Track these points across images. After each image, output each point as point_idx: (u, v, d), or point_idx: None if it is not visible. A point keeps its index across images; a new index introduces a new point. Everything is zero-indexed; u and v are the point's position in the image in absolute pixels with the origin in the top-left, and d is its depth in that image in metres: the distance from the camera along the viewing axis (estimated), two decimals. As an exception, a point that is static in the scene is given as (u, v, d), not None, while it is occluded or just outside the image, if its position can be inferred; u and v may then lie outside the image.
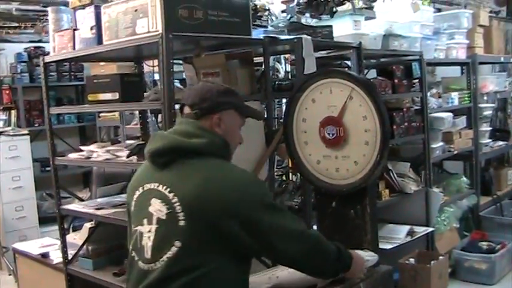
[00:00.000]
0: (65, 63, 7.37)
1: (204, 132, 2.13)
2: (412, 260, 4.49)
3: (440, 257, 4.49)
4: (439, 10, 6.61)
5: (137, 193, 2.18)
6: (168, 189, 2.04)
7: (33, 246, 4.65)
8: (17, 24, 6.60)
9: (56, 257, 4.26)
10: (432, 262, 4.33)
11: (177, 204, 2.00)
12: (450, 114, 5.69)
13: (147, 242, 2.06)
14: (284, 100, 4.60)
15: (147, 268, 2.05)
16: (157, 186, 2.07)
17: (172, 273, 1.98)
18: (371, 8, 5.18)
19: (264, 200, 2.09)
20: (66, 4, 3.96)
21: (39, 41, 7.42)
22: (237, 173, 2.11)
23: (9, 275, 6.32)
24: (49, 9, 3.99)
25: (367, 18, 4.79)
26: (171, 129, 2.21)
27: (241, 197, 2.02)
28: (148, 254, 2.05)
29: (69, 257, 4.01)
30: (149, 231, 2.06)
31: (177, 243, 1.98)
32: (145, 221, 2.08)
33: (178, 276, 1.97)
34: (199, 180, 2.02)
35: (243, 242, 2.01)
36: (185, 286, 1.98)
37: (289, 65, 4.69)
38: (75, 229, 5.06)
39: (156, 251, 2.03)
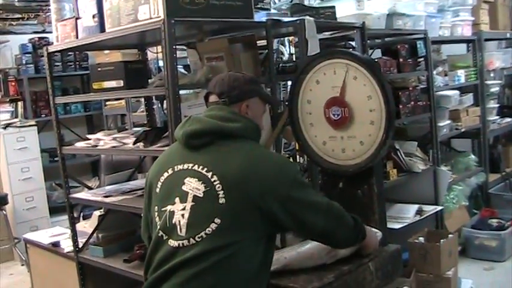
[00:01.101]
0: (70, 53, 7.37)
1: (239, 117, 2.25)
2: (421, 239, 4.48)
3: (450, 236, 4.48)
4: (442, -12, 6.55)
5: (165, 175, 2.23)
6: (206, 169, 2.11)
7: (44, 236, 4.68)
8: (20, 16, 6.60)
9: (67, 245, 4.29)
10: (442, 241, 4.32)
11: (217, 182, 2.08)
12: (457, 92, 5.67)
13: (180, 219, 2.10)
14: (289, 82, 4.59)
15: (178, 245, 2.09)
16: (193, 166, 2.15)
17: (211, 248, 2.04)
18: (374, -13, 5.14)
19: (297, 177, 2.19)
20: (67, -7, 3.95)
21: (43, 32, 7.42)
22: (272, 154, 2.33)
23: (22, 265, 6.39)
24: (51, -1, 3.98)
25: (370, -2, 4.76)
26: (204, 114, 2.29)
27: (279, 176, 2.13)
28: (182, 232, 2.09)
29: (80, 245, 4.04)
30: (183, 209, 2.10)
31: (217, 220, 2.05)
32: (177, 199, 2.13)
33: (215, 251, 2.04)
34: (240, 160, 2.12)
35: (278, 218, 2.11)
36: (220, 262, 2.04)
37: (293, 47, 4.67)
38: (85, 217, 5.09)
39: (192, 228, 2.08)
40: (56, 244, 4.40)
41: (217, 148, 2.16)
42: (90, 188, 4.34)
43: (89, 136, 3.99)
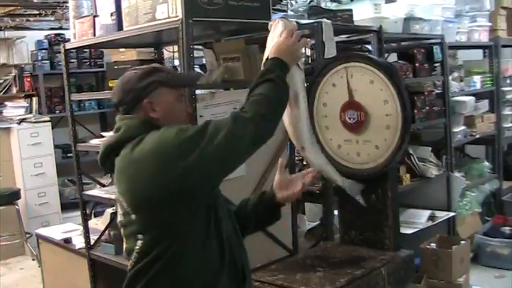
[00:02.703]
0: (85, 50, 7.39)
1: (122, 121, 2.02)
2: (433, 245, 4.46)
3: (462, 242, 4.46)
4: (460, -8, 6.52)
5: None
6: (117, 190, 2.01)
7: (56, 232, 4.70)
8: (37, 12, 6.63)
9: (79, 242, 4.30)
10: (453, 247, 4.30)
11: (123, 199, 1.97)
12: (472, 97, 5.64)
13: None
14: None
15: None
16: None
17: (144, 264, 1.94)
18: (391, -10, 5.13)
19: (181, 144, 1.86)
20: (86, -9, 3.96)
21: (60, 28, 7.46)
22: (145, 145, 1.91)
23: (33, 259, 6.42)
24: (69, -4, 4.00)
25: (387, 2, 4.75)
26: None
27: (161, 164, 1.86)
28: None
29: (92, 242, 4.05)
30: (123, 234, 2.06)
31: (139, 236, 1.94)
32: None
33: (151, 264, 1.93)
34: (124, 169, 1.95)
35: (189, 192, 1.88)
36: (160, 271, 1.93)
37: (309, 50, 4.66)
38: (97, 215, 5.11)
39: (127, 251, 2.02)
40: (67, 240, 4.42)
41: (116, 165, 1.99)
42: (103, 185, 4.35)
43: (103, 133, 4.00)
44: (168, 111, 2.01)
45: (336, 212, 3.25)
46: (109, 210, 4.25)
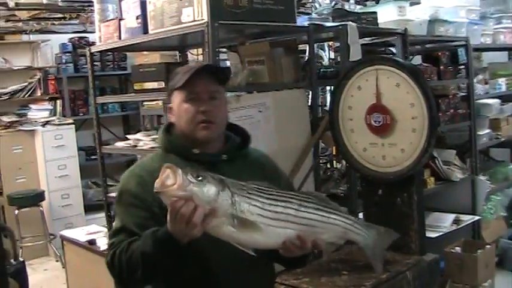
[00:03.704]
0: (109, 53, 7.45)
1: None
2: (457, 249, 4.42)
3: (487, 246, 4.41)
4: (485, -6, 6.46)
5: None
6: None
7: (80, 234, 4.73)
8: (61, 15, 6.69)
9: (103, 244, 4.32)
10: (478, 251, 4.26)
11: None
12: (497, 100, 5.58)
13: None
14: (328, 88, 4.58)
15: None
16: None
17: None
18: (415, -7, 5.11)
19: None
20: (111, -6, 3.99)
21: (84, 31, 7.51)
22: None
23: (57, 261, 6.48)
24: (95, -1, 4.04)
25: (411, 4, 4.72)
26: None
27: None
28: None
29: (116, 244, 4.06)
30: None
31: None
32: None
33: None
34: None
35: None
36: None
37: (333, 52, 4.66)
38: (120, 217, 5.13)
39: None
40: (92, 242, 4.44)
41: None
42: (127, 188, 4.37)
43: (128, 136, 4.02)
44: (177, 113, 1.99)
45: (360, 215, 3.23)
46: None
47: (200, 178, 1.64)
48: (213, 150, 2.00)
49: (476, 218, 4.94)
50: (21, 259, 3.59)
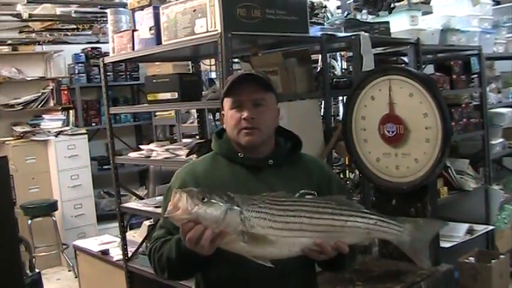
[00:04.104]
0: (121, 63, 7.49)
1: None
2: (471, 259, 4.38)
3: (501, 256, 4.38)
4: (498, 3, 6.44)
5: None
6: None
7: (93, 244, 4.75)
8: (74, 26, 6.74)
9: (116, 254, 4.34)
10: (493, 261, 4.22)
11: None
12: (510, 109, 5.56)
13: None
14: (340, 98, 4.57)
15: None
16: None
17: None
18: (428, 2, 5.09)
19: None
20: (124, 5, 4.01)
21: (97, 42, 7.57)
22: None
23: (69, 270, 6.50)
24: (108, 11, 4.06)
25: (424, 13, 4.70)
26: None
27: None
28: None
29: (129, 254, 4.07)
30: None
31: None
32: None
33: None
34: None
35: None
36: None
37: (345, 62, 4.66)
38: (132, 227, 5.15)
39: None
40: (105, 252, 4.46)
41: None
42: (140, 198, 4.39)
43: (141, 146, 4.04)
44: (225, 120, 2.06)
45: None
46: (146, 223, 4.28)
47: (206, 200, 1.67)
48: (261, 155, 2.04)
49: (490, 227, 4.91)
50: (37, 270, 3.61)
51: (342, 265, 1.99)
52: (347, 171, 4.30)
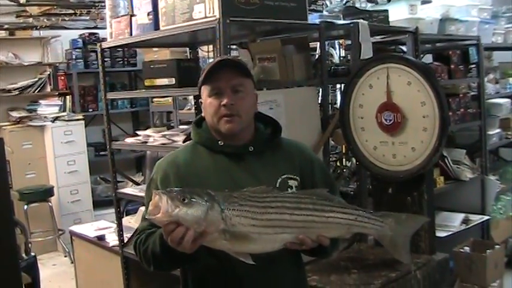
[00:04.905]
0: (119, 49, 7.46)
1: None
2: (466, 249, 4.40)
3: (496, 246, 4.39)
4: (497, -7, 6.44)
5: None
6: None
7: (89, 229, 4.75)
8: (72, 11, 6.70)
9: (112, 239, 4.34)
10: (488, 251, 4.24)
11: None
12: (508, 100, 5.57)
13: None
14: (338, 86, 4.57)
15: None
16: None
17: None
18: (427, -9, 5.08)
19: None
20: (122, -10, 3.99)
21: (94, 28, 7.54)
22: None
23: (65, 256, 6.51)
24: (106, -5, 4.04)
25: (423, 2, 4.69)
26: None
27: None
28: None
29: (125, 240, 4.07)
30: None
31: None
32: None
33: None
34: None
35: None
36: None
37: (344, 50, 4.65)
38: (129, 213, 5.15)
39: None
40: (101, 238, 4.46)
41: None
42: (137, 184, 4.39)
43: (138, 132, 4.03)
44: (204, 108, 2.03)
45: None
46: (142, 209, 4.26)
47: (186, 200, 1.66)
48: (241, 142, 2.01)
49: (486, 217, 4.93)
50: (32, 254, 3.61)
51: (324, 252, 2.00)
52: (344, 159, 4.31)
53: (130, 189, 4.22)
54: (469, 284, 4.23)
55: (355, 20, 3.58)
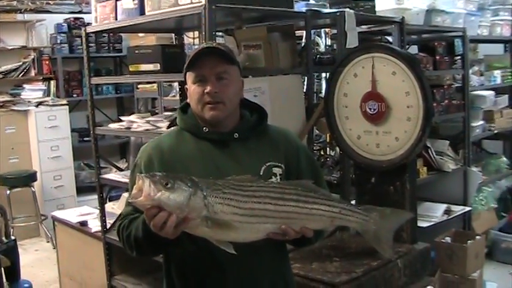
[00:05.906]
0: (104, 35, 7.40)
1: None
2: (448, 239, 4.44)
3: (477, 237, 4.43)
4: (484, -15, 6.45)
5: None
6: None
7: (72, 215, 4.73)
8: (58, -5, 6.66)
9: (94, 225, 4.32)
10: (469, 242, 4.28)
11: None
12: (492, 92, 5.60)
13: None
14: (323, 74, 4.57)
15: None
16: None
17: None
18: (414, -18, 5.08)
19: None
20: (108, -26, 3.94)
21: (80, 12, 7.47)
22: None
23: (48, 242, 6.48)
24: (91, -21, 4.00)
25: (410, -7, 4.70)
26: None
27: None
28: None
29: (108, 226, 4.06)
30: None
31: None
32: None
33: None
34: None
35: None
36: None
37: (330, 39, 4.65)
38: (112, 199, 5.13)
39: None
40: (83, 223, 4.44)
41: None
42: (121, 170, 4.37)
43: (122, 118, 4.01)
44: (189, 94, 2.01)
45: (353, 202, 3.23)
46: (125, 195, 4.25)
47: (169, 185, 1.65)
48: (226, 129, 2.00)
49: (468, 209, 4.97)
50: (12, 237, 3.60)
51: (307, 242, 2.01)
52: (328, 148, 4.32)
53: (113, 175, 4.20)
54: (450, 273, 4.27)
55: (341, 9, 3.57)
